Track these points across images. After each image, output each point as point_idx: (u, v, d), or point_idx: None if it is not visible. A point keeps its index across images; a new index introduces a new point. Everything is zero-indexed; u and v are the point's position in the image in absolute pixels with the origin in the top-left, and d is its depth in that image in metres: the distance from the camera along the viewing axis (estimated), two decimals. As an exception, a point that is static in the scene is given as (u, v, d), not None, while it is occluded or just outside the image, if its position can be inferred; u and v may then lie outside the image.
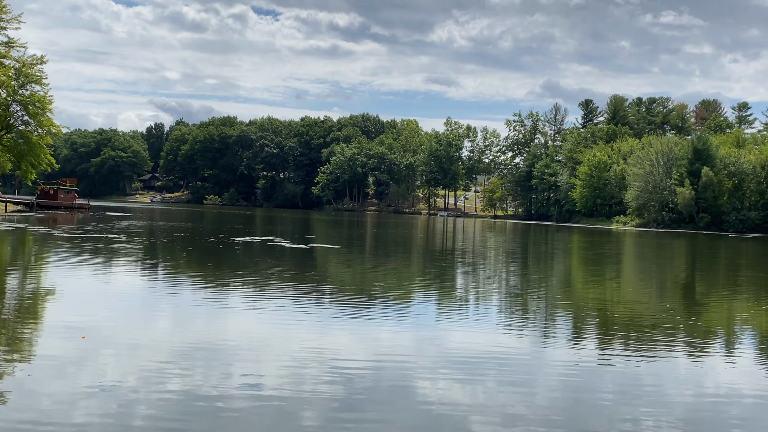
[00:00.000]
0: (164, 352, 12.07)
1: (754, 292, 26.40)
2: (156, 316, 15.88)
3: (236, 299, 18.80)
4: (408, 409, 9.48)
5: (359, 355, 12.60)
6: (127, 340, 12.88)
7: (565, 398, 10.49)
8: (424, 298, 21.27)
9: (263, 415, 8.96)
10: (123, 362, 11.29)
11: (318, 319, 16.19)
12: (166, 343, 12.91)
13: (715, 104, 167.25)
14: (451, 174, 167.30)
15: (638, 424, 9.24)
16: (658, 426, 9.16)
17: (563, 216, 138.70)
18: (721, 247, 61.60)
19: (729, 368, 12.93)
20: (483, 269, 32.78)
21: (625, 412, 9.72)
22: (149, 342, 12.89)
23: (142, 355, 11.71)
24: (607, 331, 16.43)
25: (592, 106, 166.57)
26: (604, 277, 31.98)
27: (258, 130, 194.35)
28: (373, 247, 46.96)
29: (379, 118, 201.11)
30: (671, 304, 21.93)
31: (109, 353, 11.92)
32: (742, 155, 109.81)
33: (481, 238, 63.51)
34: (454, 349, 13.53)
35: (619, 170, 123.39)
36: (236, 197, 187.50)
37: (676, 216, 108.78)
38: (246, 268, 27.21)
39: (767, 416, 9.99)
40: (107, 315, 15.40)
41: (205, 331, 14.28)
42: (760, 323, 18.61)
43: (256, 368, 11.23)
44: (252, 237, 45.40)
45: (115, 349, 12.18)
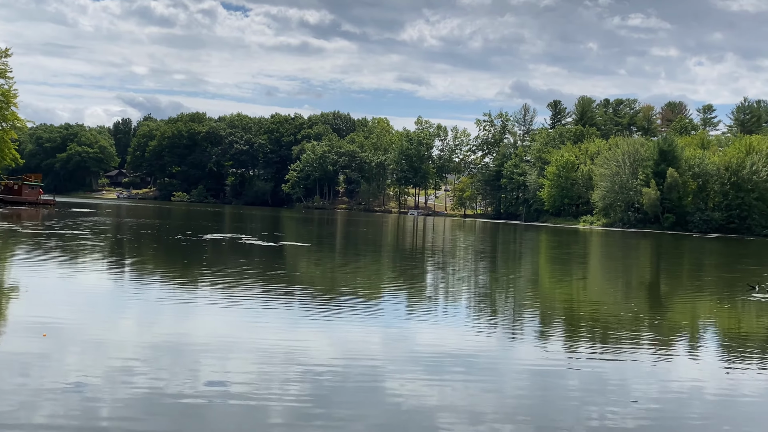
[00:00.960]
0: (129, 350, 11.91)
1: (717, 291, 26.91)
2: (121, 314, 15.66)
3: (204, 297, 18.63)
4: (376, 407, 9.48)
5: (328, 354, 12.57)
6: (92, 338, 12.68)
7: (532, 396, 10.58)
8: (394, 297, 21.29)
9: (230, 413, 8.88)
10: (87, 361, 11.11)
11: (286, 317, 16.12)
12: (132, 341, 12.74)
13: (680, 106, 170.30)
14: (422, 173, 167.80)
15: (604, 421, 9.36)
16: (623, 423, 9.29)
17: (531, 215, 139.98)
18: (686, 247, 62.70)
19: (692, 366, 13.16)
20: (452, 268, 32.94)
21: (591, 410, 9.84)
22: (114, 340, 12.70)
23: (106, 354, 11.53)
24: (573, 329, 16.62)
25: (561, 107, 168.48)
26: (571, 276, 32.35)
27: (227, 127, 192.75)
28: (343, 245, 46.90)
29: (350, 116, 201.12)
30: (636, 302, 22.26)
31: (72, 352, 11.72)
32: (706, 157, 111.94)
33: (450, 237, 63.80)
34: (422, 348, 13.57)
35: (586, 170, 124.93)
36: (205, 194, 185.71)
37: (641, 216, 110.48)
38: (214, 265, 26.97)
39: (729, 413, 10.19)
40: (71, 313, 15.14)
41: (172, 329, 14.12)
42: (722, 322, 18.97)
43: (223, 367, 11.13)
44: (220, 234, 45.03)
45: (78, 348, 11.98)
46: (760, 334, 17.00)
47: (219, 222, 68.99)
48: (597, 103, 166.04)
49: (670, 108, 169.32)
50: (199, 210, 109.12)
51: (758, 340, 16.21)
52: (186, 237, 40.73)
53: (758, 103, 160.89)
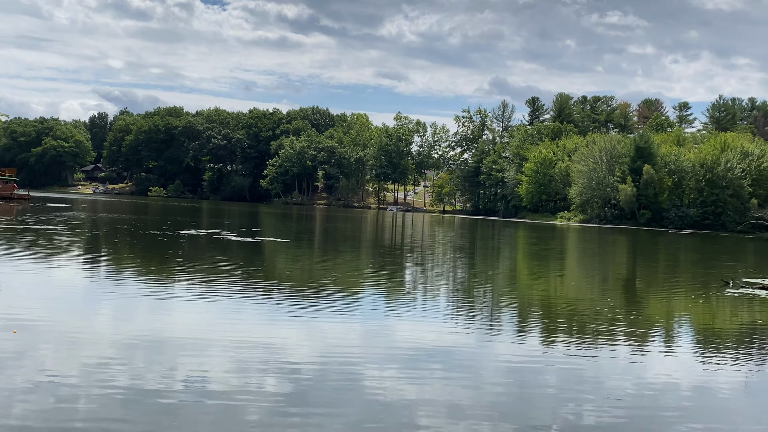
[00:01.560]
0: (105, 346, 11.77)
1: (692, 286, 27.24)
2: (96, 311, 15.48)
3: (180, 294, 18.48)
4: (355, 402, 9.46)
5: (306, 350, 12.53)
6: (66, 335, 12.52)
7: (510, 390, 10.63)
8: (372, 293, 21.28)
9: (208, 410, 8.82)
10: (61, 357, 10.97)
11: (264, 314, 16.05)
12: (107, 338, 12.59)
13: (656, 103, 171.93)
14: (401, 169, 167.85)
15: (581, 415, 9.43)
16: (600, 417, 9.37)
17: (510, 211, 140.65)
18: (661, 243, 63.40)
19: (668, 360, 13.30)
20: (431, 264, 33.00)
21: (568, 404, 9.90)
22: (89, 336, 12.55)
23: (81, 350, 11.39)
24: (550, 325, 16.73)
25: (539, 104, 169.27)
26: (549, 272, 32.55)
27: (205, 121, 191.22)
28: (322, 241, 46.80)
29: (329, 111, 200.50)
30: (612, 298, 22.46)
31: (45, 349, 11.56)
32: (682, 154, 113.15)
33: (429, 233, 63.93)
34: (401, 343, 13.57)
35: (563, 167, 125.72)
36: (182, 189, 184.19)
37: (618, 212, 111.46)
38: (191, 261, 26.76)
39: (704, 406, 10.31)
40: (45, 309, 14.94)
41: (148, 326, 13.99)
42: (697, 317, 19.21)
43: (200, 363, 11.05)
44: (198, 230, 44.71)
45: (53, 344, 11.82)
46: (734, 329, 17.23)
47: (196, 217, 68.49)
48: (575, 100, 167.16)
49: (646, 105, 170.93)
50: (176, 205, 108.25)
51: (732, 334, 16.43)
52: (163, 232, 40.39)
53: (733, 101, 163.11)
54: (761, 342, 15.66)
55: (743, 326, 17.63)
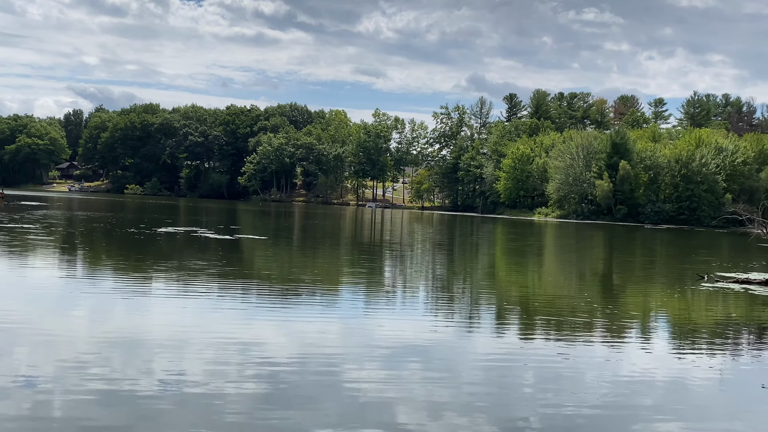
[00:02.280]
0: (81, 346, 11.65)
1: (668, 281, 27.57)
2: (72, 310, 15.31)
3: (158, 291, 18.34)
4: (333, 400, 9.46)
5: (285, 348, 12.50)
6: (41, 335, 12.37)
7: (489, 386, 10.69)
8: (352, 290, 21.27)
9: (186, 409, 8.76)
10: (38, 357, 10.83)
11: (243, 311, 15.98)
12: (83, 336, 12.47)
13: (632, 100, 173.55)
14: (380, 165, 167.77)
15: (559, 408, 9.51)
16: (578, 411, 9.45)
17: (488, 207, 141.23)
18: (637, 238, 64.06)
19: (644, 354, 13.46)
20: (410, 261, 33.06)
21: (546, 398, 9.99)
22: (65, 336, 12.41)
23: (57, 350, 11.26)
24: (528, 320, 16.85)
25: (516, 100, 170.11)
26: (527, 268, 32.76)
27: (182, 118, 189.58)
28: (301, 238, 46.67)
29: (307, 108, 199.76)
30: (590, 293, 22.66)
31: (21, 348, 11.41)
32: (657, 150, 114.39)
33: (408, 230, 64.02)
34: (380, 341, 13.59)
35: (541, 163, 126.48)
36: (159, 187, 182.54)
37: (594, 208, 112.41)
38: (168, 259, 26.56)
39: (680, 400, 10.45)
40: (19, 309, 14.74)
41: (125, 324, 13.86)
42: (672, 310, 19.45)
43: (178, 361, 10.98)
44: (175, 228, 44.36)
45: (28, 345, 11.67)
46: (709, 323, 17.47)
47: (173, 215, 67.96)
48: (552, 97, 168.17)
49: (622, 101, 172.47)
50: (153, 203, 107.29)
51: (708, 328, 16.66)
52: (139, 231, 40.02)
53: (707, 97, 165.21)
54: (736, 336, 15.90)
55: (718, 320, 17.88)
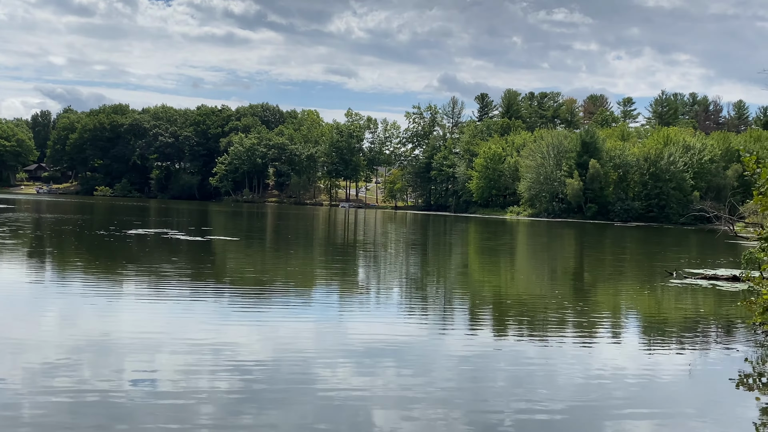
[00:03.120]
0: (52, 348, 11.48)
1: (638, 277, 27.95)
2: (41, 313, 15.07)
3: (128, 294, 18.13)
4: (307, 401, 9.44)
5: (258, 348, 12.44)
6: (10, 339, 12.16)
7: (463, 382, 10.74)
8: (325, 291, 21.24)
9: (158, 412, 8.68)
10: (5, 362, 10.65)
11: (215, 313, 15.86)
12: (53, 340, 12.28)
13: (601, 99, 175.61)
14: (353, 165, 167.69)
15: (532, 404, 9.60)
16: (551, 405, 9.55)
17: (461, 207, 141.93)
18: (608, 236, 64.83)
19: (615, 350, 13.64)
20: (384, 261, 33.09)
21: (519, 394, 10.07)
22: (33, 340, 12.21)
23: (26, 354, 11.08)
24: (501, 317, 16.98)
25: (488, 100, 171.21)
26: (499, 266, 32.99)
27: (152, 119, 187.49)
28: (274, 239, 46.46)
29: (279, 108, 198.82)
30: (561, 290, 22.89)
31: (-12, 353, 11.21)
32: (626, 148, 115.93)
33: (381, 230, 64.06)
34: (353, 341, 13.59)
35: (512, 162, 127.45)
36: (129, 188, 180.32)
37: (565, 206, 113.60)
38: (139, 261, 26.27)
39: (650, 394, 10.60)
40: (-13, 313, 14.48)
41: (95, 327, 13.68)
42: (642, 307, 19.73)
43: (149, 364, 10.87)
44: (145, 229, 43.89)
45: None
46: (678, 318, 17.75)
47: (144, 216, 67.21)
48: (522, 96, 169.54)
49: (591, 101, 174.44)
50: (123, 204, 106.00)
51: (677, 323, 16.92)
52: (109, 232, 39.52)
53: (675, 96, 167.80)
54: (704, 331, 16.18)
55: (686, 315, 18.17)
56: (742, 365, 12.50)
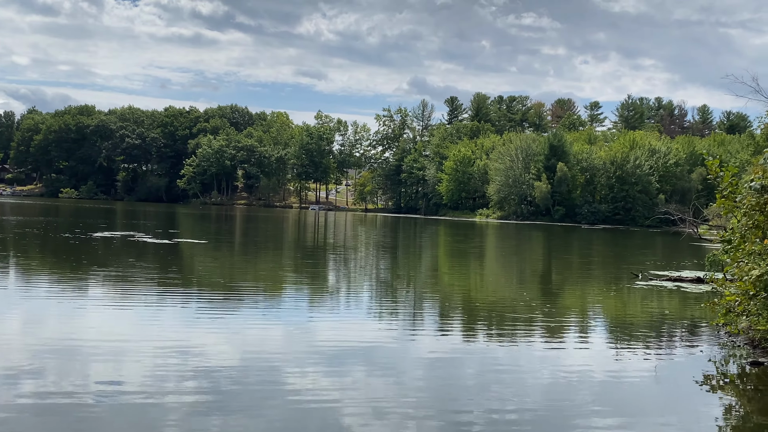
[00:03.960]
0: (15, 354, 11.24)
1: (604, 279, 28.29)
2: (5, 317, 14.74)
3: (94, 298, 17.85)
4: (276, 404, 9.38)
5: (226, 353, 12.33)
6: (-30, 345, 11.88)
7: (433, 383, 10.77)
8: (294, 294, 21.14)
9: (123, 417, 8.55)
10: (-35, 369, 10.40)
11: (183, 316, 15.68)
12: (17, 344, 12.03)
13: (569, 103, 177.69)
14: (323, 167, 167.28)
15: (502, 404, 9.66)
16: (521, 405, 9.61)
17: (431, 209, 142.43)
18: (575, 238, 65.57)
19: (582, 351, 13.78)
20: (354, 264, 33.05)
21: (489, 395, 10.12)
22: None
23: (-13, 360, 10.83)
24: (470, 319, 17.05)
25: (457, 103, 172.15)
26: (469, 268, 33.15)
27: (118, 120, 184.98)
28: (243, 242, 46.13)
29: (248, 109, 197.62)
30: (529, 292, 23.08)
31: (-52, 359, 10.94)
32: (593, 152, 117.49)
33: (352, 232, 63.99)
34: (323, 343, 13.54)
35: (482, 165, 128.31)
36: (95, 190, 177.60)
37: (534, 209, 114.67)
38: (105, 264, 25.87)
39: (617, 394, 10.74)
40: (-54, 318, 14.13)
41: (60, 331, 13.44)
42: (608, 308, 19.97)
43: (115, 369, 10.71)
44: (112, 232, 43.26)
45: (-45, 355, 11.19)
46: (644, 320, 18.00)
47: (110, 219, 66.27)
48: (491, 100, 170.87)
49: (559, 105, 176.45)
50: (89, 207, 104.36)
51: (643, 325, 17.16)
52: (75, 235, 38.88)
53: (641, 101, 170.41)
54: (669, 332, 16.44)
55: (652, 316, 18.44)
56: (706, 365, 12.72)
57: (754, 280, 12.81)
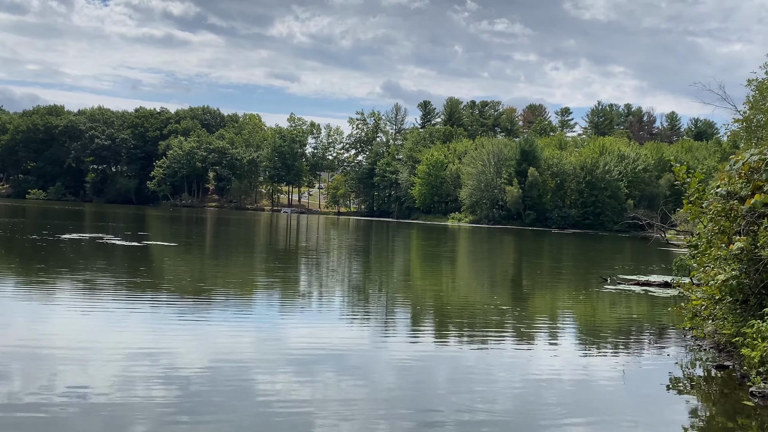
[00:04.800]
0: (-23, 360, 11.02)
1: (573, 283, 28.59)
2: (-33, 321, 14.46)
3: (62, 301, 17.57)
4: (246, 409, 9.32)
5: (196, 357, 12.22)
6: (-68, 349, 11.63)
7: (403, 387, 10.79)
8: (265, 298, 21.03)
9: (91, 423, 8.44)
10: (-74, 373, 10.18)
11: (152, 320, 15.51)
12: (-21, 350, 11.79)
13: (540, 109, 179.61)
14: (295, 170, 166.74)
15: (472, 407, 9.71)
16: (491, 408, 9.68)
17: (403, 213, 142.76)
18: (545, 243, 66.17)
19: (552, 354, 13.91)
20: (325, 267, 32.98)
21: (459, 398, 10.17)
22: (-41, 350, 11.71)
23: (-51, 365, 10.61)
24: (442, 323, 17.12)
25: (430, 108, 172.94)
26: (441, 272, 33.27)
27: (88, 121, 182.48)
28: (213, 245, 45.78)
29: (220, 111, 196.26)
30: (499, 296, 23.24)
31: None
32: (564, 157, 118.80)
33: (324, 236, 63.86)
34: (294, 347, 13.49)
35: (454, 169, 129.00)
36: (63, 192, 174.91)
37: (505, 213, 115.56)
38: (73, 267, 25.49)
39: (586, 397, 10.85)
40: None
41: (27, 335, 13.21)
42: (578, 312, 20.19)
43: (83, 374, 10.56)
44: (80, 234, 42.64)
45: None
46: (612, 323, 18.23)
47: (78, 221, 65.30)
48: (464, 105, 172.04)
49: (530, 110, 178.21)
50: (57, 208, 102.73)
51: (611, 328, 17.38)
52: (42, 237, 38.24)
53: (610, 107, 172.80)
54: (637, 335, 16.67)
55: (620, 320, 18.68)
56: (673, 369, 12.92)
57: (720, 284, 13.05)
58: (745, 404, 10.51)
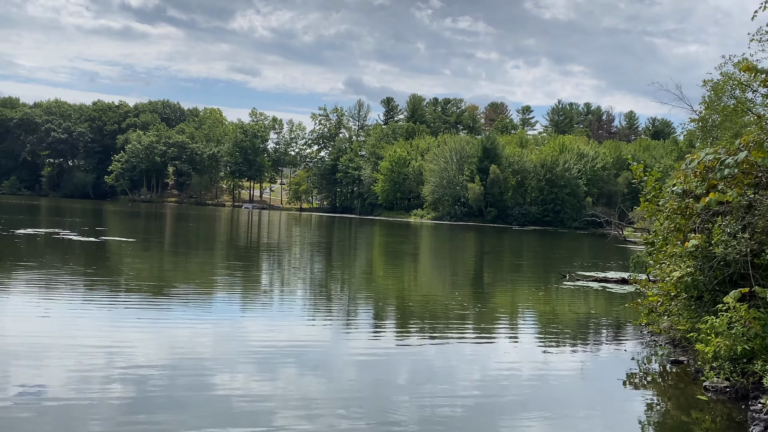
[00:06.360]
0: (-75, 358, 10.70)
1: (533, 279, 28.93)
2: None
3: (15, 297, 17.14)
4: (205, 406, 9.22)
5: (154, 353, 12.04)
6: None
7: (365, 382, 10.78)
8: (226, 294, 20.82)
9: (46, 421, 8.24)
10: None
11: (109, 317, 15.23)
12: (-72, 348, 11.45)
13: (501, 107, 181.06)
14: (257, 165, 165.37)
15: (434, 401, 9.76)
16: (451, 403, 9.73)
17: (366, 209, 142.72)
18: (506, 240, 66.82)
19: (511, 349, 14.05)
20: (287, 264, 32.80)
21: (421, 392, 10.21)
22: None
23: None
24: (403, 319, 17.16)
25: (393, 104, 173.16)
26: (402, 268, 33.36)
27: (44, 113, 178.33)
28: (173, 241, 45.17)
29: (180, 105, 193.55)
30: (461, 292, 23.38)
31: None
32: (524, 155, 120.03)
33: (286, 232, 63.50)
34: (254, 344, 13.38)
35: (417, 166, 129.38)
36: (18, 186, 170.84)
37: (467, 210, 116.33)
38: (28, 262, 24.89)
39: (544, 392, 10.98)
40: None
41: (-23, 333, 12.86)
42: (537, 308, 20.43)
43: (36, 373, 10.31)
44: (36, 229, 41.68)
45: None
46: (571, 319, 18.49)
47: (34, 215, 63.82)
48: (427, 102, 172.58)
49: (492, 108, 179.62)
50: (12, 203, 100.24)
51: (570, 324, 17.62)
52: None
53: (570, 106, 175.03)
54: (595, 331, 16.93)
55: (579, 316, 18.95)
56: (630, 364, 13.16)
57: (675, 281, 13.32)
58: (699, 398, 10.76)
